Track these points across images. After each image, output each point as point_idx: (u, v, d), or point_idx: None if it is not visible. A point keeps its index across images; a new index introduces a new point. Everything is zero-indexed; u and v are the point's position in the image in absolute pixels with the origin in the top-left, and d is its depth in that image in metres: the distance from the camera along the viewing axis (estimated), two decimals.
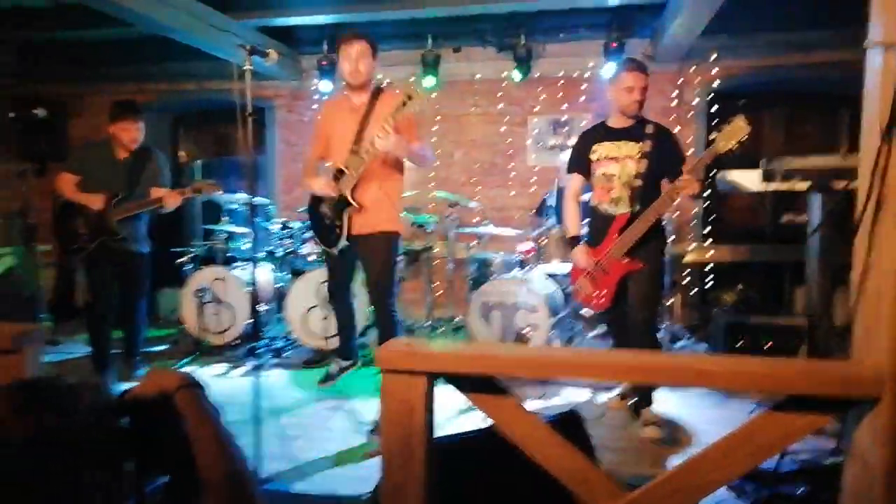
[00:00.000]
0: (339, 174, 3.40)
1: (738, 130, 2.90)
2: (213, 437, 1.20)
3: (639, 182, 3.23)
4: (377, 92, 3.41)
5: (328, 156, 3.54)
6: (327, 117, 3.56)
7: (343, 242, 3.44)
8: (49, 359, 4.75)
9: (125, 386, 1.19)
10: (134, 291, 4.17)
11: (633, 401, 3.48)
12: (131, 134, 4.02)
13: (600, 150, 3.36)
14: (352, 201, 3.36)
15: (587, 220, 3.60)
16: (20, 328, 2.04)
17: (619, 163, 3.29)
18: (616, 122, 3.37)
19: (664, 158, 3.23)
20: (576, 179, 3.49)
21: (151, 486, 1.17)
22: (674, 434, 3.31)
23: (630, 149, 3.27)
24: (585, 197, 3.67)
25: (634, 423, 3.36)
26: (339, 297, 3.71)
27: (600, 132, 3.41)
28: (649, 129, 3.28)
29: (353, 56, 3.28)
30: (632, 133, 3.29)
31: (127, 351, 4.26)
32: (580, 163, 3.45)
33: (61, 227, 4.10)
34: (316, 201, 3.57)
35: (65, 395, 1.02)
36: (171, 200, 3.98)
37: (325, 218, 3.50)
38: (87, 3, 4.11)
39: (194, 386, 1.24)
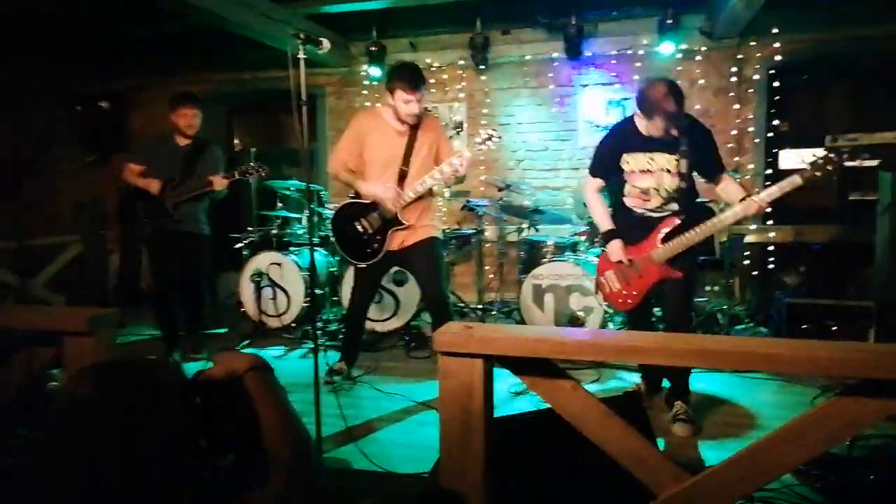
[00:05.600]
0: None
1: (829, 164, 2.70)
2: (279, 416, 1.24)
3: (683, 185, 3.05)
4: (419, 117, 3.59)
5: (363, 170, 3.65)
6: (365, 131, 3.63)
7: (376, 259, 3.63)
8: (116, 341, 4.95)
9: (193, 364, 1.24)
10: (194, 271, 4.41)
11: (667, 390, 3.33)
12: (188, 119, 4.29)
13: (633, 161, 3.12)
14: (403, 221, 3.58)
15: (618, 217, 3.32)
16: (95, 312, 2.15)
17: (655, 176, 3.08)
18: (647, 128, 3.07)
19: (699, 155, 3.06)
20: (597, 182, 3.28)
21: (221, 461, 1.22)
22: (736, 419, 3.24)
23: (666, 161, 3.05)
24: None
25: (665, 413, 3.21)
26: (361, 307, 3.87)
27: (631, 139, 3.13)
28: (684, 127, 3.01)
29: (416, 100, 3.45)
30: (666, 142, 3.02)
31: (189, 329, 4.51)
32: (607, 168, 3.22)
33: (125, 210, 4.39)
34: (349, 214, 3.69)
35: (144, 375, 1.07)
36: (219, 184, 4.21)
37: (360, 232, 3.64)
38: None
39: (262, 368, 1.29)
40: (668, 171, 3.06)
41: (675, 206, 3.12)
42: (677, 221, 3.07)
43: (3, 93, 6.23)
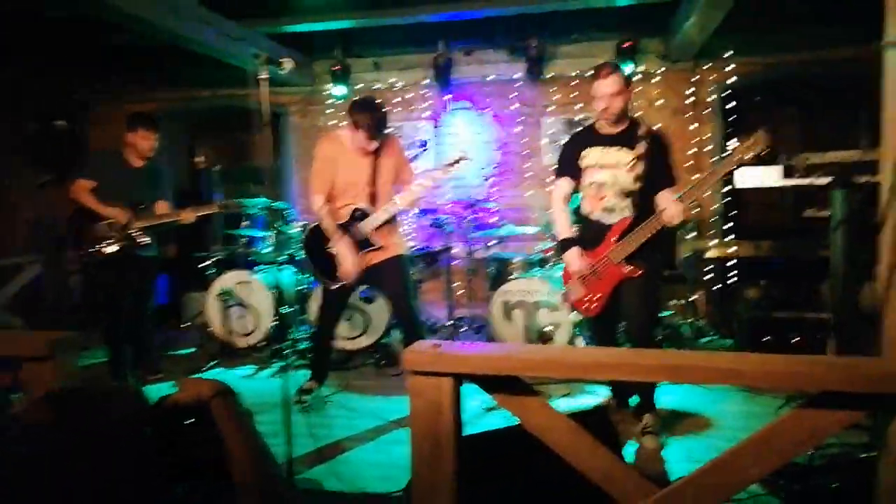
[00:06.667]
0: (359, 215, 3.64)
1: (757, 142, 2.79)
2: (245, 441, 1.24)
3: (638, 185, 3.11)
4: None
5: (336, 194, 3.67)
6: (332, 157, 3.64)
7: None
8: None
9: (151, 387, 1.23)
10: (146, 293, 4.35)
11: (634, 404, 3.38)
12: (149, 143, 4.19)
13: (590, 155, 3.22)
14: (374, 242, 3.64)
15: (578, 227, 3.41)
16: (54, 336, 2.07)
17: (610, 171, 3.15)
18: (605, 127, 3.20)
19: (657, 166, 3.11)
20: (564, 184, 3.34)
21: (186, 487, 1.20)
22: (703, 430, 3.30)
23: (622, 156, 3.13)
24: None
25: (635, 426, 3.24)
26: (329, 326, 3.90)
27: (590, 137, 3.26)
28: (642, 132, 3.12)
29: (376, 143, 3.54)
30: (624, 139, 3.14)
31: (146, 351, 4.41)
32: (569, 168, 3.31)
33: (80, 232, 4.17)
34: (320, 235, 3.70)
35: (100, 402, 1.06)
36: (187, 218, 4.19)
37: (332, 253, 3.65)
38: (103, 14, 4.17)
39: (228, 393, 1.29)
40: (623, 165, 3.13)
41: (628, 209, 3.16)
42: (629, 222, 3.14)
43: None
